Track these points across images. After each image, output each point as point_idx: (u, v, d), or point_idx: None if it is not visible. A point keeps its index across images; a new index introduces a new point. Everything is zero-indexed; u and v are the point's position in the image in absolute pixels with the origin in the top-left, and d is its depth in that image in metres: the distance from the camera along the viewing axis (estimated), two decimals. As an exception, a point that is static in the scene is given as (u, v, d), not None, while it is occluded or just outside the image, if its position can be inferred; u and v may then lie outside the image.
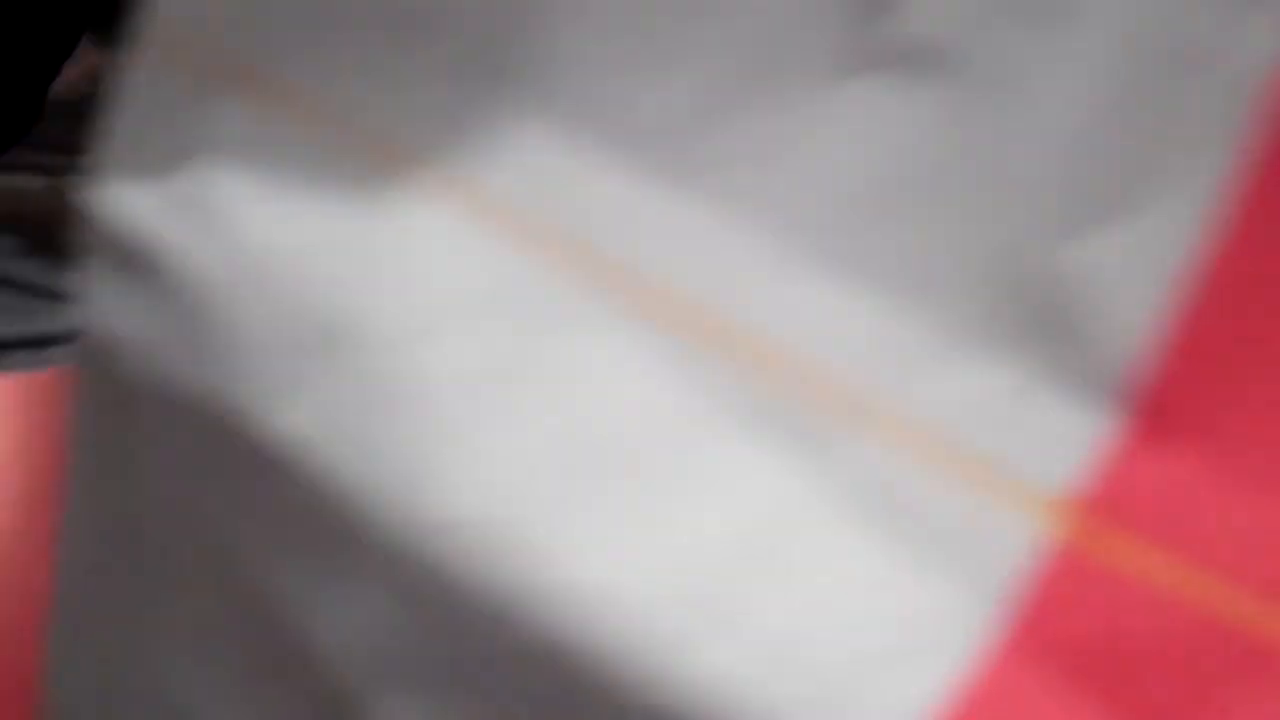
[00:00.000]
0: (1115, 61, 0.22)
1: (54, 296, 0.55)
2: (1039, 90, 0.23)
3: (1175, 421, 0.22)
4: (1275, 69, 0.22)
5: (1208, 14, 0.22)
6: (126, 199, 0.25)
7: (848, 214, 0.23)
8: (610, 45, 0.24)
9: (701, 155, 0.24)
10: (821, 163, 0.23)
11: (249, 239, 0.24)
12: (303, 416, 0.23)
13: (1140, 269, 0.22)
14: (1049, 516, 0.22)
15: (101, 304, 0.25)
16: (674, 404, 0.23)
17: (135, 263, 0.25)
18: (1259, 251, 0.22)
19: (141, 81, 0.25)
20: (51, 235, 0.56)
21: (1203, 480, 0.22)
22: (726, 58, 0.24)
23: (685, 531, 0.22)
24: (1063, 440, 0.22)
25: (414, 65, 0.24)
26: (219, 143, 0.25)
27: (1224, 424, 0.22)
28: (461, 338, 0.23)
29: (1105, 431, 0.22)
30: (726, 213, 0.24)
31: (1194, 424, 0.22)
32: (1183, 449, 0.22)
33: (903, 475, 0.22)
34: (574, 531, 0.22)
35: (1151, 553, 0.22)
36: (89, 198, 0.25)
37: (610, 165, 0.24)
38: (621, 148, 0.24)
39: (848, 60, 0.23)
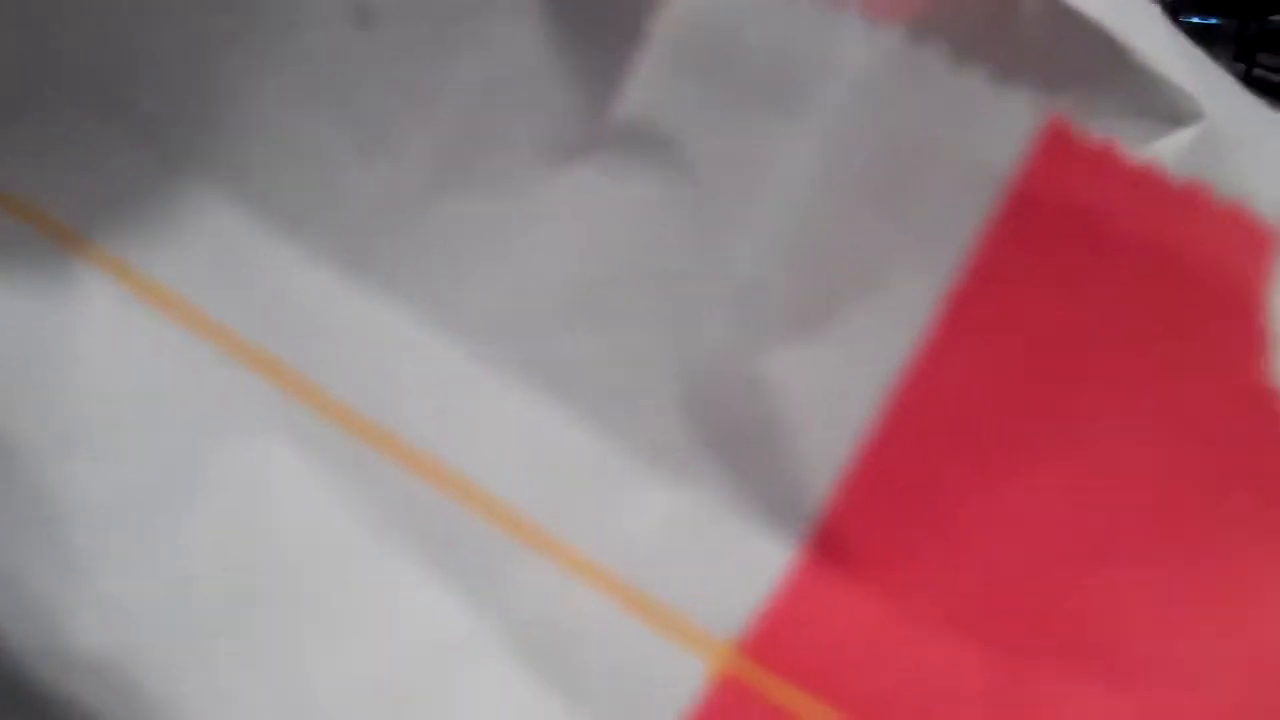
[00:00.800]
0: (838, 159, 0.20)
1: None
2: (756, 186, 0.21)
3: (846, 556, 0.20)
4: (1010, 180, 0.20)
5: (942, 114, 0.20)
6: None
7: (542, 318, 0.21)
8: (304, 129, 0.22)
9: (394, 249, 0.22)
10: (521, 261, 0.21)
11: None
12: None
13: (843, 387, 0.20)
14: (714, 655, 0.20)
15: None
16: (340, 523, 0.21)
17: None
18: (945, 374, 0.20)
19: None
20: None
21: (862, 623, 0.20)
22: (432, 144, 0.22)
23: (327, 676, 0.20)
24: (737, 573, 0.20)
25: (92, 141, 0.22)
26: None
27: (890, 561, 0.20)
28: (116, 448, 0.21)
29: (780, 564, 0.20)
30: (413, 315, 0.22)
31: (863, 560, 0.20)
32: (850, 587, 0.20)
33: (571, 607, 0.20)
34: (197, 678, 0.20)
35: (805, 700, 0.20)
36: None
37: (295, 257, 0.22)
38: (309, 238, 0.22)
39: (561, 147, 0.21)
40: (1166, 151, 0.35)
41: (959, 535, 0.20)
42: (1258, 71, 1.67)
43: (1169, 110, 0.34)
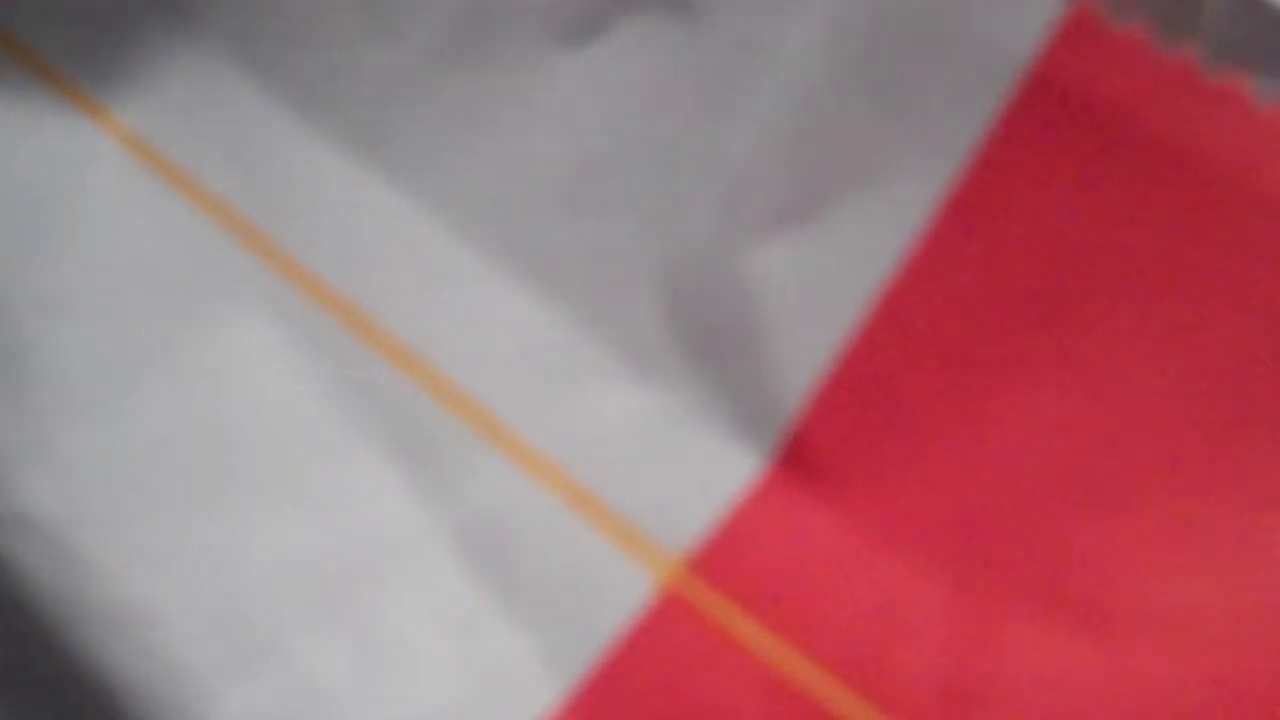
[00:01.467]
0: (839, 43, 0.19)
1: None
2: (757, 69, 0.19)
3: (813, 473, 0.18)
4: (1026, 71, 0.18)
5: None
6: None
7: (532, 202, 0.20)
8: (317, 7, 0.21)
9: (394, 128, 0.21)
10: (518, 142, 0.20)
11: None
12: None
13: (828, 287, 0.18)
14: (662, 569, 0.18)
15: None
16: (305, 401, 0.20)
17: None
18: (938, 280, 0.18)
19: None
20: None
21: (822, 548, 0.18)
22: (439, 23, 0.21)
23: (262, 554, 0.19)
24: (697, 483, 0.18)
25: (112, 7, 0.22)
26: None
27: (859, 483, 0.18)
28: (99, 314, 0.21)
29: (743, 477, 0.18)
30: (406, 196, 0.21)
31: (831, 479, 0.18)
32: (813, 508, 0.18)
33: (519, 505, 0.19)
34: (133, 544, 0.19)
35: (750, 625, 0.18)
36: None
37: (299, 134, 0.21)
38: (314, 115, 0.21)
39: (568, 23, 0.20)
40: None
41: (937, 461, 0.18)
42: None
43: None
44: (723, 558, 0.18)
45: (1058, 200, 0.18)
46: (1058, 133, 0.18)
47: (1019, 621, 0.17)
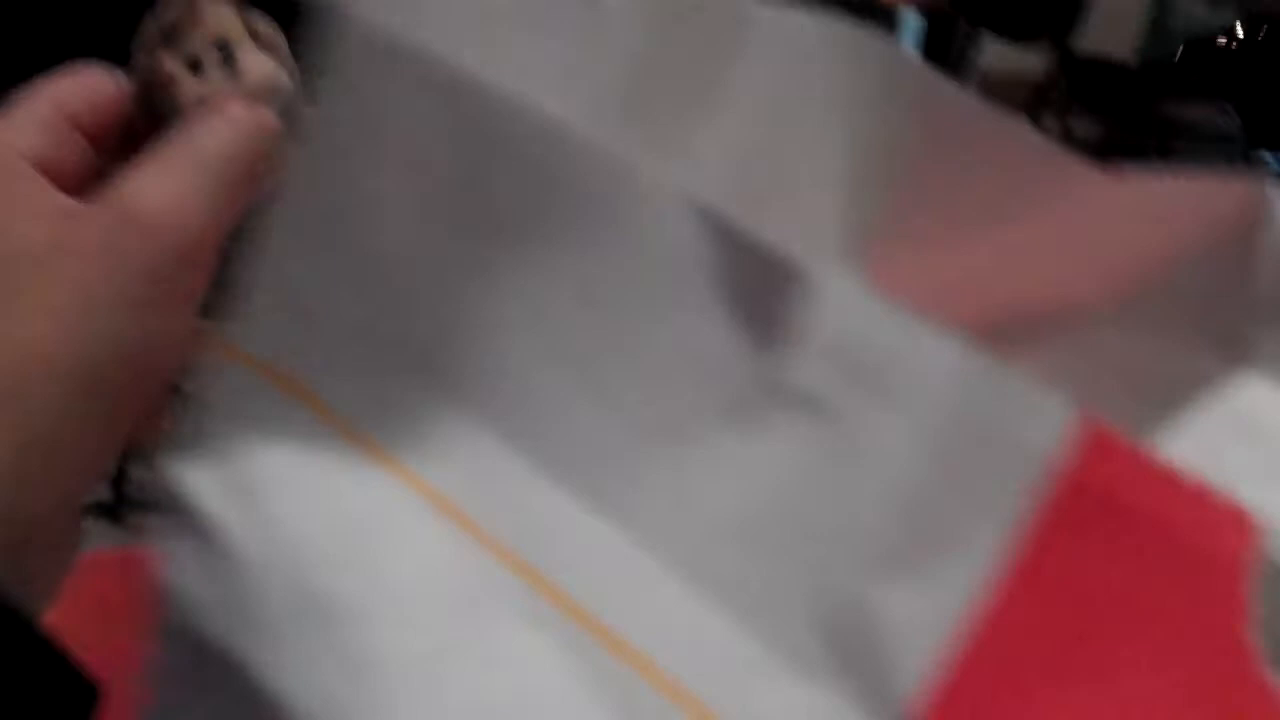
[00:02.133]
0: (926, 432, 0.27)
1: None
2: (872, 451, 0.28)
3: None
4: (1058, 451, 0.27)
5: (1000, 395, 0.27)
6: (191, 473, 0.31)
7: (716, 544, 0.28)
8: (554, 373, 0.30)
9: (610, 478, 0.29)
10: (706, 494, 0.29)
11: (278, 522, 0.30)
12: (292, 679, 0.30)
13: (927, 618, 0.27)
14: None
15: (163, 552, 0.31)
16: (559, 692, 0.29)
17: (194, 528, 0.31)
18: (1018, 613, 0.27)
19: (212, 376, 0.32)
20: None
21: None
22: (639, 401, 0.29)
23: None
24: None
25: (385, 371, 0.30)
26: (265, 431, 0.31)
27: None
28: (408, 619, 0.29)
29: None
30: (622, 530, 0.29)
31: None
32: None
33: None
34: None
35: None
36: (161, 464, 0.32)
37: (540, 481, 0.30)
38: (551, 466, 0.30)
39: (734, 408, 0.29)
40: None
41: None
42: None
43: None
44: None
45: (1088, 568, 0.27)
46: (1086, 518, 0.27)
47: None
